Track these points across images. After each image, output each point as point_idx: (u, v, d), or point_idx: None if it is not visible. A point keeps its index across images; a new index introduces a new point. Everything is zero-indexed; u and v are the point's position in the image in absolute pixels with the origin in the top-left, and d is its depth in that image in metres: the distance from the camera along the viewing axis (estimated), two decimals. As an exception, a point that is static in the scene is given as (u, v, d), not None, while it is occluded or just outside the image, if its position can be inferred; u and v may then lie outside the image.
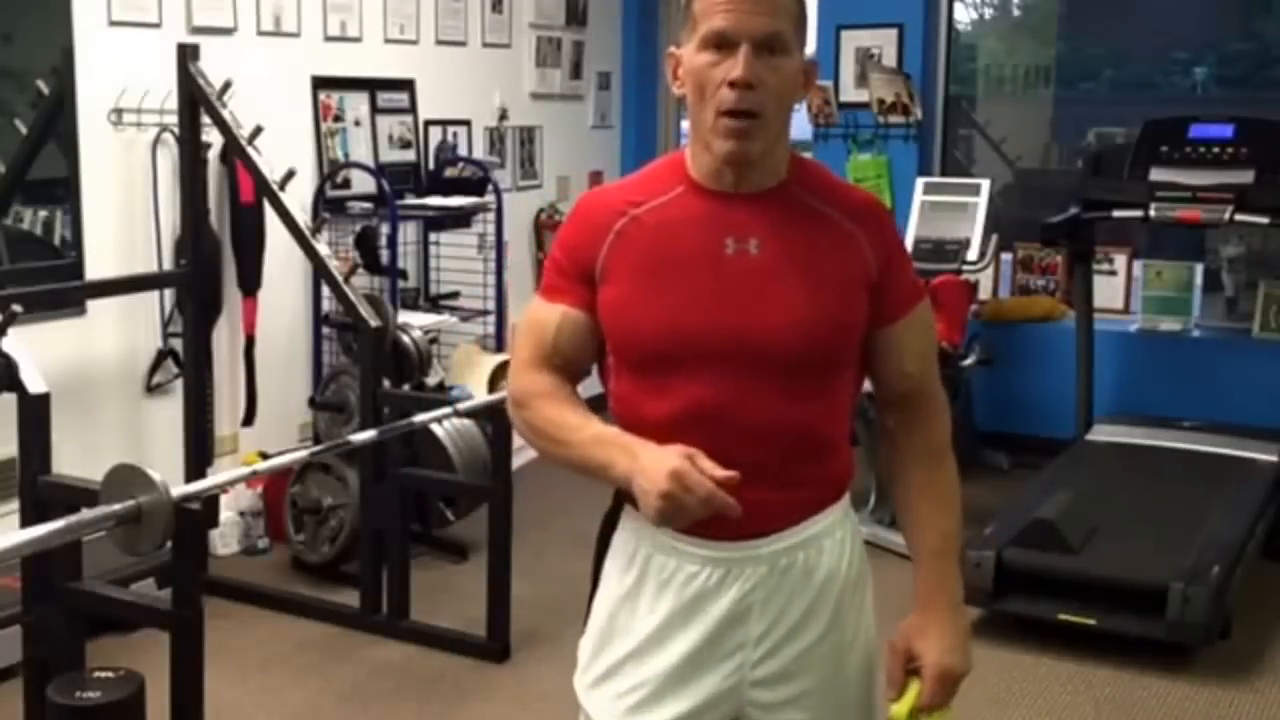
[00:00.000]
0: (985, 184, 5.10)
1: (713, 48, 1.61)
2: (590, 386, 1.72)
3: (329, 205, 4.92)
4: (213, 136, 4.23)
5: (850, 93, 5.93)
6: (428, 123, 5.49)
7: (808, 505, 1.72)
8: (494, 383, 5.00)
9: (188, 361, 4.19)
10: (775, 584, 1.69)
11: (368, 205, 5.02)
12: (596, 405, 1.73)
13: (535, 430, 1.72)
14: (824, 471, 1.73)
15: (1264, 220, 4.53)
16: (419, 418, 3.62)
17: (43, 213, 4.15)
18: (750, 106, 1.60)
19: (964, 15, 6.38)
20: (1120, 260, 5.66)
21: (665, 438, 1.64)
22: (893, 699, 1.73)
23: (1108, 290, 5.56)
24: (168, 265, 4.30)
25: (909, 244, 5.05)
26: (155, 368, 4.36)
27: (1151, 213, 4.65)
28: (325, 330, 4.92)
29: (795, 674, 1.72)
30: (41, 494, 2.85)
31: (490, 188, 5.44)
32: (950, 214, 5.05)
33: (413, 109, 5.42)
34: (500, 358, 5.18)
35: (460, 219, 5.48)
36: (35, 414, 3.11)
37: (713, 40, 1.60)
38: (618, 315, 1.68)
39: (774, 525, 1.69)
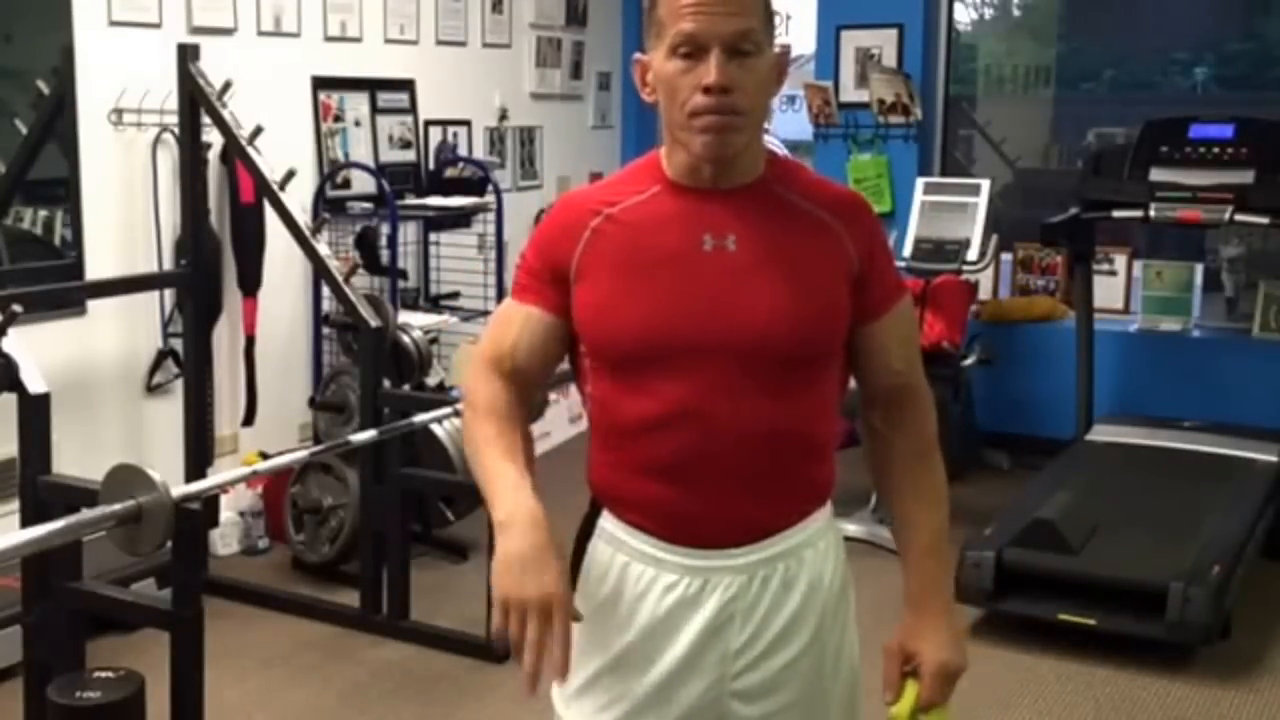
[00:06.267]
0: (985, 184, 5.09)
1: (682, 54, 1.57)
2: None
3: (329, 205, 4.92)
4: (213, 136, 4.23)
5: (850, 93, 5.93)
6: (428, 123, 5.49)
7: (790, 512, 1.68)
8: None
9: (188, 361, 4.19)
10: (756, 594, 1.66)
11: (368, 205, 5.03)
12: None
13: (467, 440, 1.73)
14: (807, 475, 1.70)
15: (1264, 220, 4.53)
16: (419, 418, 3.62)
17: (43, 213, 4.15)
18: (727, 110, 1.57)
19: (964, 15, 6.38)
20: (1120, 260, 5.66)
21: (646, 440, 1.64)
22: (890, 701, 1.72)
23: (1108, 290, 5.56)
24: (168, 265, 4.30)
25: (909, 244, 5.06)
26: (155, 368, 4.37)
27: (1151, 213, 4.64)
28: (325, 330, 4.92)
29: (777, 688, 1.68)
30: (41, 494, 2.85)
31: (490, 188, 5.44)
32: (950, 214, 5.05)
33: (413, 109, 5.42)
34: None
35: (460, 219, 5.48)
36: (35, 414, 3.11)
37: (682, 45, 1.56)
38: (595, 316, 1.65)
39: (752, 533, 1.66)
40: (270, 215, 4.28)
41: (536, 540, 1.54)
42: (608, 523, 1.72)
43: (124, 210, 4.24)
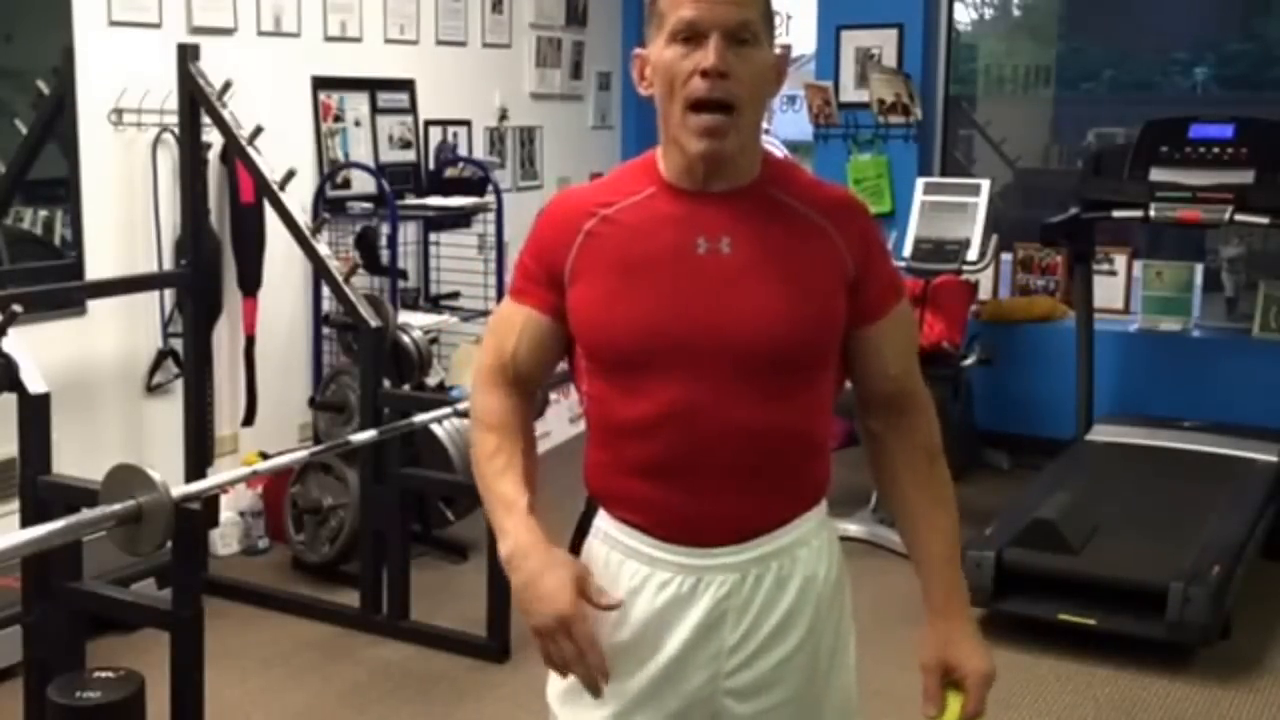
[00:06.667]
0: (985, 184, 5.09)
1: (681, 40, 1.58)
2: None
3: (329, 205, 4.92)
4: (213, 136, 4.23)
5: (850, 93, 5.93)
6: (428, 123, 5.50)
7: (783, 511, 1.69)
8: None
9: (188, 361, 4.19)
10: (749, 592, 1.66)
11: (368, 205, 5.03)
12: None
13: (474, 454, 1.77)
14: (801, 475, 1.70)
15: (1264, 220, 4.53)
16: (419, 418, 3.62)
17: (43, 213, 4.15)
18: (723, 96, 1.57)
19: (964, 15, 6.38)
20: (1120, 260, 5.66)
21: (640, 441, 1.65)
22: (934, 716, 1.72)
23: (1108, 290, 5.56)
24: (168, 265, 4.30)
25: (909, 244, 5.06)
26: (155, 368, 4.37)
27: (1151, 213, 4.64)
28: (325, 330, 4.92)
29: (771, 685, 1.69)
30: (41, 494, 2.85)
31: (490, 188, 5.44)
32: (950, 214, 5.05)
33: (413, 109, 5.42)
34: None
35: (460, 219, 5.48)
36: (35, 414, 3.11)
37: (681, 31, 1.58)
38: (589, 316, 1.66)
39: (746, 531, 1.66)
40: (270, 215, 4.28)
41: (532, 570, 1.63)
42: (603, 521, 1.73)
43: (124, 210, 4.24)
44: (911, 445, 1.76)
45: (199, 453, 4.19)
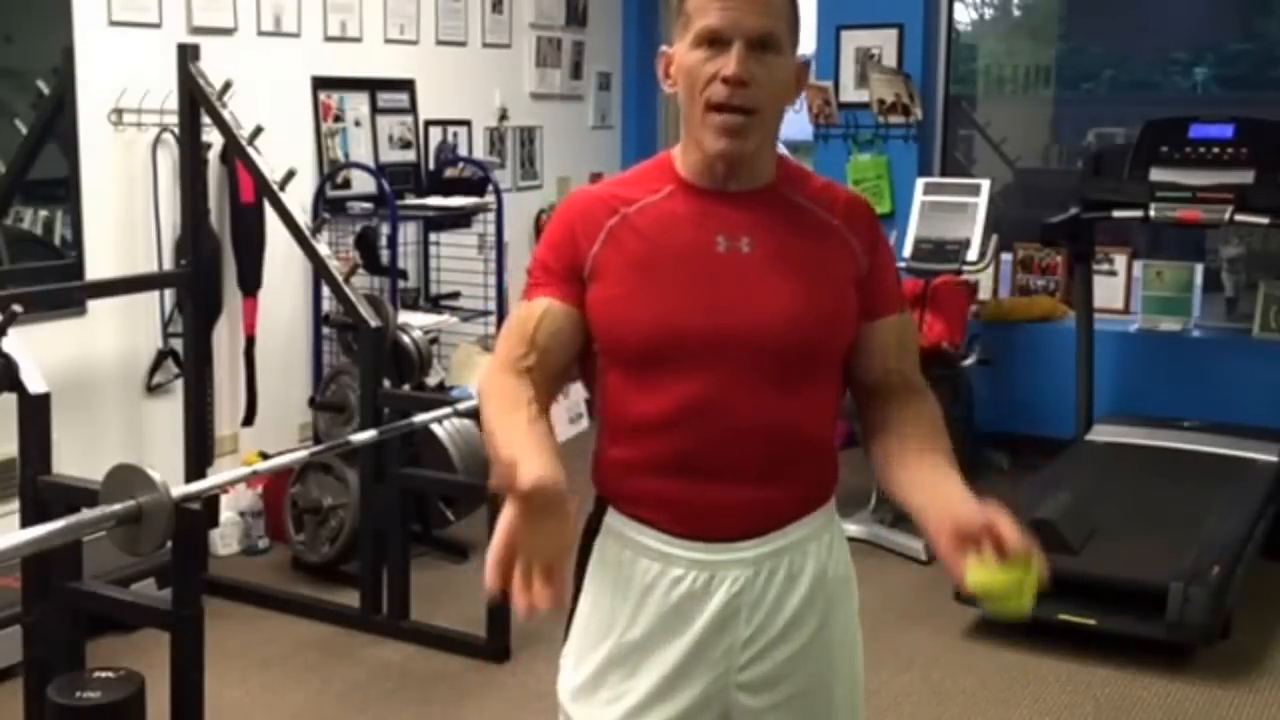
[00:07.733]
0: (985, 184, 5.09)
1: (706, 44, 1.61)
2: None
3: (329, 205, 4.93)
4: (213, 136, 4.23)
5: (850, 93, 5.93)
6: (428, 123, 5.50)
7: (794, 507, 1.70)
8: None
9: (188, 361, 4.19)
10: (762, 587, 1.68)
11: (368, 205, 5.03)
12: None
13: (484, 429, 1.63)
14: (811, 472, 1.72)
15: (1264, 220, 4.53)
16: (419, 418, 3.62)
17: (43, 213, 4.16)
18: (743, 103, 1.60)
19: (964, 15, 6.37)
20: (1120, 260, 5.66)
21: (658, 436, 1.66)
22: (963, 578, 1.52)
23: (1108, 290, 5.56)
24: (168, 265, 4.31)
25: (909, 244, 5.06)
26: (155, 368, 4.37)
27: (1151, 213, 4.64)
28: (325, 330, 4.92)
29: (782, 679, 1.71)
30: (41, 494, 2.85)
31: (490, 188, 5.45)
32: (950, 214, 5.05)
33: (413, 109, 5.42)
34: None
35: (460, 219, 5.49)
36: (35, 414, 3.11)
37: (706, 37, 1.60)
38: (610, 313, 1.66)
39: (760, 527, 1.68)
40: (270, 215, 4.28)
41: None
42: (614, 519, 1.73)
43: (124, 210, 4.24)
44: (915, 415, 1.70)
45: (199, 453, 4.19)
